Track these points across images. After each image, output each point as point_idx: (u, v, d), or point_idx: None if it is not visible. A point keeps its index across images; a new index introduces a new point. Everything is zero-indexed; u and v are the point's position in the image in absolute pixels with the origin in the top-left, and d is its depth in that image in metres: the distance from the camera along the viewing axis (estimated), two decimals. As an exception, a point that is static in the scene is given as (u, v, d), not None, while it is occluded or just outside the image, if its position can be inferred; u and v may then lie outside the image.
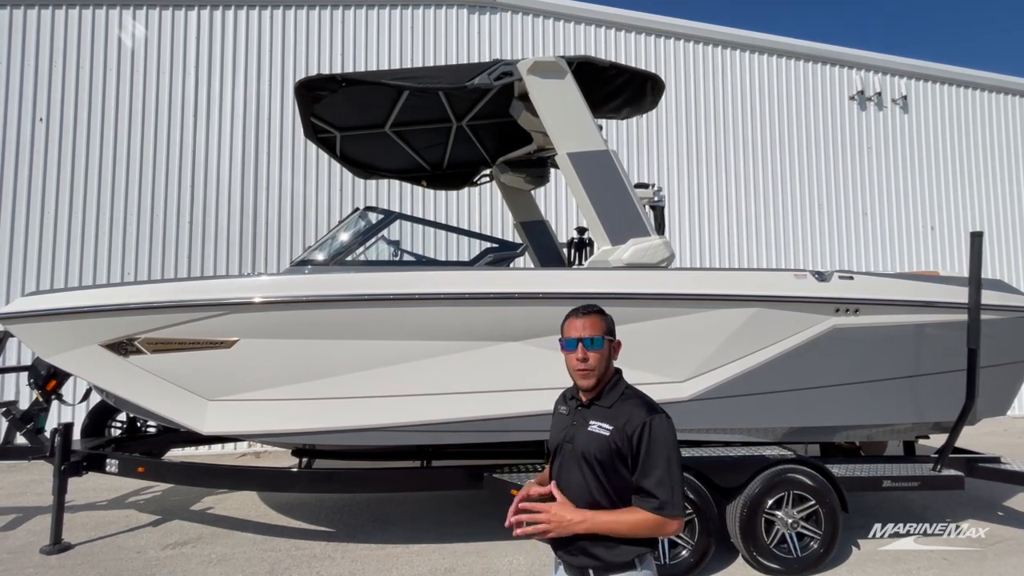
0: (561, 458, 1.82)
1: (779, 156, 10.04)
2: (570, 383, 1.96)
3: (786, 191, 9.99)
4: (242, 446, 7.17)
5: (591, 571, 1.69)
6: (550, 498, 1.75)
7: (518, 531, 1.69)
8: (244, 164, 8.25)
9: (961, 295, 4.36)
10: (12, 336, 4.58)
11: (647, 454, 1.68)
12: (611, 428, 1.72)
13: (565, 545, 1.72)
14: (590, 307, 1.87)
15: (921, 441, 5.08)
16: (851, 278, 4.32)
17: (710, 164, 9.73)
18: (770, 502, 4.00)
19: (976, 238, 4.36)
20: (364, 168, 6.17)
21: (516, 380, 3.99)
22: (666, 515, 1.65)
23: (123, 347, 3.92)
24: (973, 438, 6.29)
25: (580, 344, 1.78)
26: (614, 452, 1.70)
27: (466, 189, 7.41)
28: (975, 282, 4.30)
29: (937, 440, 4.70)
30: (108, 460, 4.47)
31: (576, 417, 1.84)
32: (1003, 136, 11.13)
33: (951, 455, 4.57)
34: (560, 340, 1.85)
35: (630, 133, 9.37)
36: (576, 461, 1.75)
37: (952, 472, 4.48)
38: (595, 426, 1.75)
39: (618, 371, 1.86)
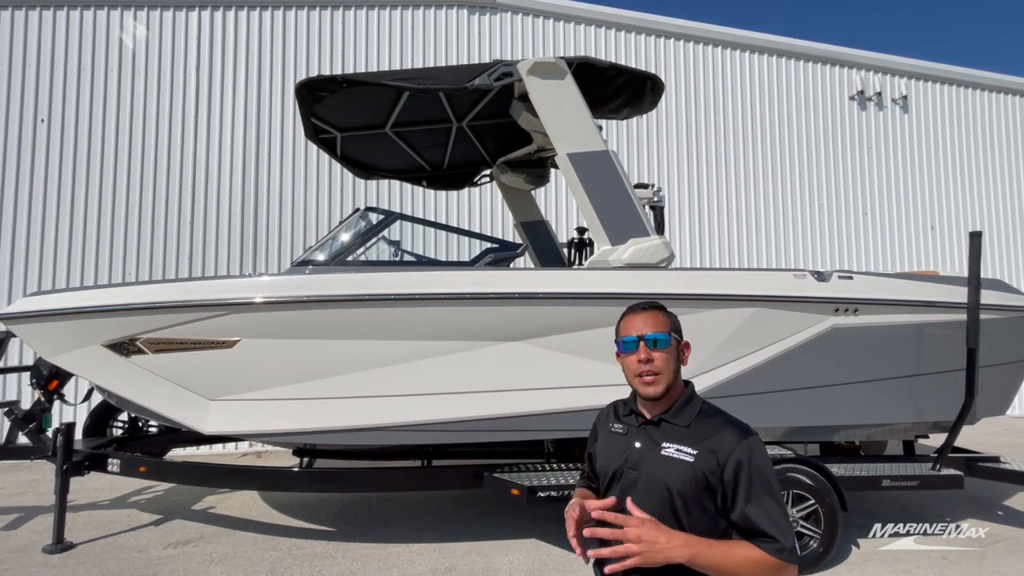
0: (620, 488, 1.49)
1: (779, 156, 10.04)
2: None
3: (786, 191, 10.00)
4: (243, 446, 7.19)
5: None
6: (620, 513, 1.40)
7: (592, 552, 1.34)
8: (245, 165, 8.26)
9: (960, 295, 4.37)
10: (14, 336, 4.60)
11: (750, 486, 1.37)
12: (695, 453, 1.41)
13: None
14: (650, 302, 1.58)
15: (921, 441, 5.09)
16: (850, 278, 4.33)
17: (710, 164, 9.74)
18: (770, 501, 4.01)
19: (975, 238, 4.37)
20: (364, 168, 6.18)
21: (516, 380, 3.99)
22: (786, 560, 1.33)
23: (125, 347, 3.93)
24: (973, 438, 6.30)
25: (642, 342, 1.48)
26: (701, 483, 1.39)
27: (466, 189, 7.43)
28: (974, 282, 4.31)
29: (936, 440, 4.71)
30: (110, 460, 4.48)
31: (640, 437, 1.51)
32: (1003, 136, 11.13)
33: (950, 455, 4.58)
34: (616, 343, 1.55)
35: (630, 133, 9.37)
36: (645, 492, 1.43)
37: (951, 471, 4.49)
38: (671, 449, 1.44)
39: (689, 383, 1.58)
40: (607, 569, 1.31)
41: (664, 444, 1.46)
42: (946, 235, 10.60)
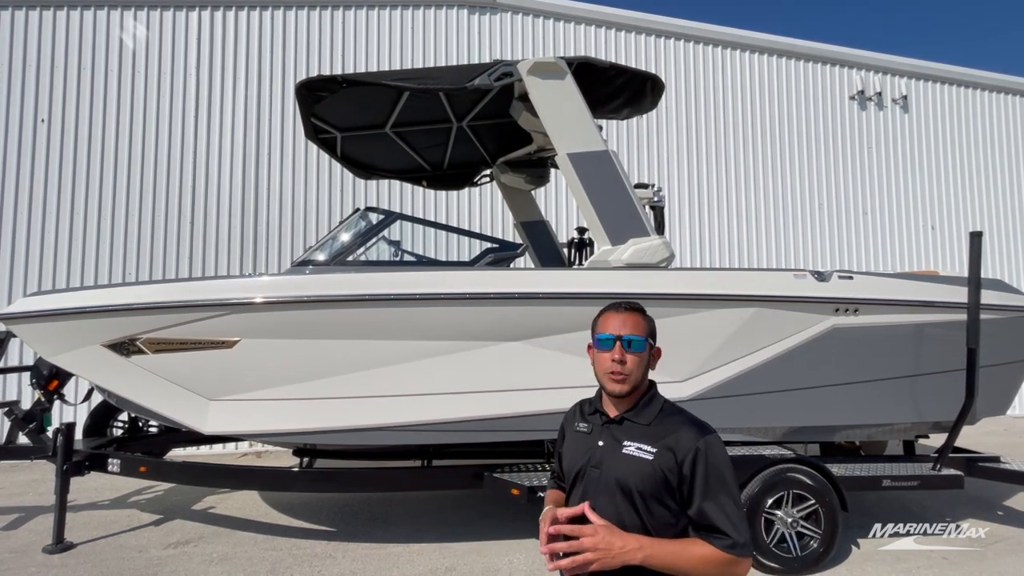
0: (583, 486, 1.51)
1: (779, 156, 10.04)
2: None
3: (786, 191, 9.99)
4: (243, 446, 7.19)
5: None
6: (581, 520, 1.41)
7: (553, 565, 1.38)
8: (245, 165, 8.26)
9: (960, 295, 4.37)
10: (14, 336, 4.60)
11: (706, 483, 1.40)
12: (654, 451, 1.44)
13: None
14: (631, 303, 1.58)
15: (921, 441, 5.09)
16: (850, 278, 4.33)
17: (710, 164, 9.74)
18: (770, 501, 4.01)
19: (975, 238, 4.37)
20: (365, 168, 6.18)
21: (516, 380, 4.00)
22: (739, 555, 1.37)
23: (125, 347, 3.93)
24: (973, 438, 6.30)
25: (618, 343, 1.49)
26: (660, 481, 1.42)
27: (466, 189, 7.43)
28: (974, 282, 4.31)
29: (937, 440, 4.71)
30: (110, 460, 4.48)
31: (603, 436, 1.53)
32: (1003, 136, 11.13)
33: (951, 455, 4.58)
34: (593, 337, 1.57)
35: (630, 133, 9.37)
36: (607, 490, 1.46)
37: (952, 471, 4.49)
38: (632, 448, 1.46)
39: (652, 383, 1.58)
40: (552, 566, 1.38)
41: (625, 442, 1.48)
42: (946, 235, 10.60)
